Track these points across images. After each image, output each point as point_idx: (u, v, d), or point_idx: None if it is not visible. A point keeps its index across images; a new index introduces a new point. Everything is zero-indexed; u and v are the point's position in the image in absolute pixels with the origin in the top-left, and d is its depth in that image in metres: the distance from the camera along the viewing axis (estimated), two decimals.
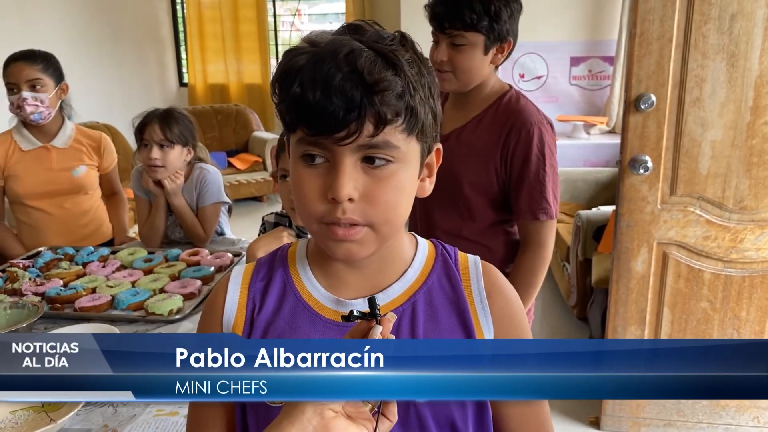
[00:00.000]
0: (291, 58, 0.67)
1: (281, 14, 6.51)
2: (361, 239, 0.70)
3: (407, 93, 0.66)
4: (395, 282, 0.78)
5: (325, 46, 0.66)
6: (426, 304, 0.77)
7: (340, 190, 0.66)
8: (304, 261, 0.81)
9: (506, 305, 0.80)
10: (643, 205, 2.15)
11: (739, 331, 2.22)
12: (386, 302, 0.77)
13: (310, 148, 0.67)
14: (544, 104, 4.78)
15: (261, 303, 0.78)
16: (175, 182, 2.06)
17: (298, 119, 0.67)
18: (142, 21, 5.91)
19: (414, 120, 0.67)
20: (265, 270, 0.82)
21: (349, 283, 0.78)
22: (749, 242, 2.13)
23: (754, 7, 1.94)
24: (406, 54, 0.68)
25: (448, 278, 0.80)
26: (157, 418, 1.15)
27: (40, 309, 1.51)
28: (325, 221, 0.69)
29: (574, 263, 3.06)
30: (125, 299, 1.63)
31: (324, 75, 0.63)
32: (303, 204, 0.70)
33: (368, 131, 0.65)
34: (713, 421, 2.33)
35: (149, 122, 2.04)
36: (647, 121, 2.08)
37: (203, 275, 1.79)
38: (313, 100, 0.63)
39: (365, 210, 0.68)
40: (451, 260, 0.82)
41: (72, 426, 1.15)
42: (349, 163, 0.66)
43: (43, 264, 1.93)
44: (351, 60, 0.64)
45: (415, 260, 0.81)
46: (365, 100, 0.63)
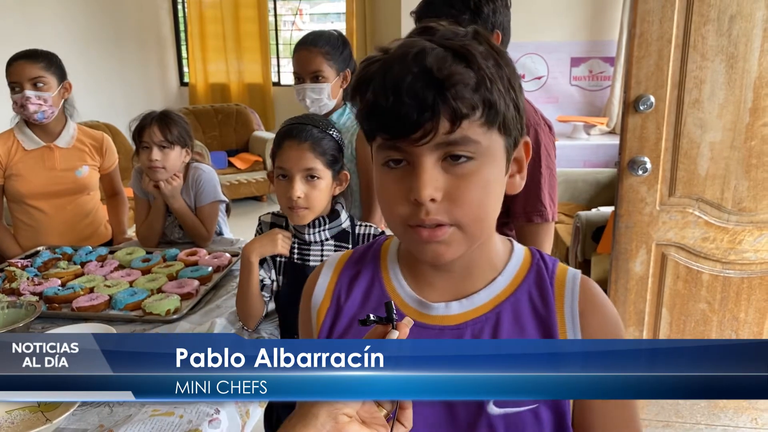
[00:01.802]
0: (364, 67, 0.67)
1: (282, 14, 6.51)
2: (448, 240, 0.68)
3: (483, 86, 0.64)
4: (483, 289, 0.76)
5: (395, 50, 0.66)
6: (512, 317, 0.74)
7: (421, 190, 0.64)
8: (394, 258, 0.82)
9: (601, 327, 0.74)
10: (642, 206, 2.15)
11: (737, 333, 2.22)
12: (470, 309, 0.74)
13: (390, 153, 0.67)
14: (545, 104, 4.78)
15: (348, 292, 0.80)
16: (172, 184, 2.05)
17: (375, 126, 0.66)
18: (144, 20, 5.91)
19: (493, 113, 0.65)
20: (358, 262, 0.83)
21: (435, 285, 0.77)
22: (748, 244, 2.12)
23: (754, 9, 1.94)
24: (479, 47, 0.66)
25: (540, 291, 0.76)
26: (153, 418, 1.15)
27: (37, 309, 1.50)
28: (410, 224, 0.67)
29: (573, 264, 3.06)
30: (123, 299, 1.63)
31: (394, 79, 0.63)
32: (387, 208, 0.69)
33: (444, 128, 0.63)
34: (711, 423, 2.33)
35: (148, 124, 2.04)
36: (646, 122, 2.08)
37: (201, 275, 1.79)
38: (386, 105, 0.63)
39: (450, 210, 0.66)
40: (546, 272, 0.77)
41: (68, 426, 1.15)
42: (428, 162, 0.65)
43: (41, 263, 1.93)
44: (420, 59, 0.63)
45: (507, 268, 0.78)
46: (438, 98, 0.62)
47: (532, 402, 0.71)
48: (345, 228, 1.50)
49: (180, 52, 6.48)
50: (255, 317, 1.50)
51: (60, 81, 2.20)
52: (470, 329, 0.74)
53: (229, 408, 1.22)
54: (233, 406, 1.24)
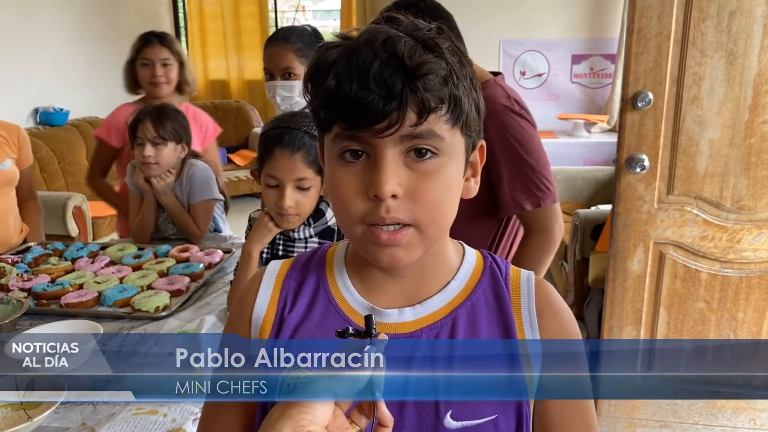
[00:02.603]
0: (323, 53, 0.64)
1: (285, 10, 6.49)
2: (407, 243, 0.64)
3: (451, 80, 0.61)
4: (436, 294, 0.73)
5: (359, 37, 0.63)
6: (468, 321, 0.71)
7: (383, 185, 0.61)
8: (341, 263, 0.77)
9: (559, 329, 0.72)
10: (640, 204, 2.13)
11: (735, 332, 2.19)
12: (425, 315, 0.71)
13: (349, 143, 0.63)
14: (545, 102, 4.75)
15: (293, 302, 0.75)
16: (165, 181, 2.04)
17: (335, 114, 0.62)
18: (143, 16, 5.89)
19: (458, 110, 0.63)
20: (301, 269, 0.78)
21: (386, 290, 0.73)
22: (747, 242, 2.10)
23: (753, 4, 1.91)
24: (445, 42, 0.64)
25: (495, 294, 0.73)
26: (136, 417, 1.13)
27: (24, 305, 1.49)
28: (368, 222, 0.64)
29: (571, 262, 3.04)
30: (112, 296, 1.61)
31: (360, 64, 0.59)
32: (342, 206, 0.65)
33: (411, 120, 0.60)
34: (709, 423, 2.31)
35: (142, 120, 2.03)
36: (644, 119, 2.05)
37: (192, 272, 1.77)
38: (350, 92, 0.59)
39: (411, 208, 0.63)
40: (500, 274, 0.75)
41: (50, 424, 1.13)
42: (391, 156, 0.62)
43: (31, 259, 1.91)
44: (389, 46, 0.60)
45: (460, 271, 0.75)
46: (407, 87, 0.59)
47: (491, 413, 0.68)
48: (330, 226, 1.50)
49: None
50: None
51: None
52: (425, 336, 0.70)
53: None
54: None
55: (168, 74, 2.39)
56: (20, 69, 4.12)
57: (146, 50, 2.38)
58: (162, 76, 2.37)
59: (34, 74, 4.29)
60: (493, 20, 4.65)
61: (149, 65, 2.37)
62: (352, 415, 0.59)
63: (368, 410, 0.59)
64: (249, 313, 0.76)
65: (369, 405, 0.59)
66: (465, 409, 0.68)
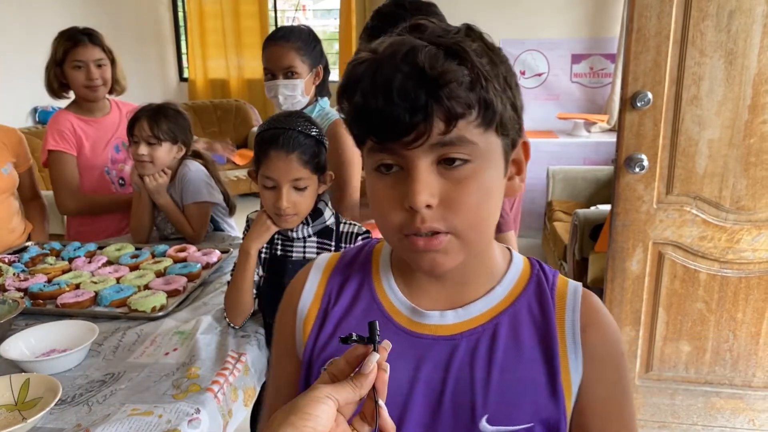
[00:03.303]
0: (352, 68, 0.64)
1: (284, 9, 6.48)
2: (445, 248, 0.64)
3: (478, 84, 0.60)
4: (479, 298, 0.72)
5: (384, 49, 0.62)
6: (509, 329, 0.71)
7: (416, 196, 0.61)
8: (387, 263, 0.78)
9: (603, 344, 0.71)
10: (639, 204, 2.12)
11: (735, 333, 2.19)
12: (466, 319, 0.71)
13: (382, 156, 0.63)
14: (545, 102, 4.75)
15: (337, 297, 0.77)
16: (157, 181, 2.02)
17: (365, 130, 0.63)
18: (143, 16, 5.89)
19: (490, 113, 0.62)
20: (347, 264, 0.80)
21: (429, 292, 0.74)
22: (746, 243, 2.09)
23: (753, 4, 1.91)
24: (473, 44, 0.62)
25: (540, 303, 0.72)
26: (131, 418, 1.12)
27: (20, 305, 1.48)
28: (405, 232, 0.64)
29: (571, 262, 3.03)
30: (108, 296, 1.60)
31: (384, 79, 0.59)
32: (380, 216, 0.66)
33: (439, 129, 0.60)
34: (708, 423, 2.30)
35: (139, 118, 2.02)
36: (644, 119, 2.05)
37: (189, 272, 1.77)
38: (376, 107, 0.60)
39: (446, 216, 0.62)
40: (546, 284, 0.74)
41: (44, 425, 1.12)
42: (423, 166, 0.61)
43: (28, 259, 1.91)
44: (410, 58, 0.59)
45: (505, 277, 0.74)
46: (430, 98, 0.59)
47: (527, 420, 0.68)
48: (329, 225, 1.49)
49: (179, 48, 6.45)
50: (244, 313, 1.48)
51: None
52: (465, 340, 0.70)
53: (211, 407, 1.20)
54: (215, 405, 1.21)
55: (103, 75, 2.25)
56: (19, 68, 4.11)
57: (77, 51, 2.19)
58: (98, 78, 2.23)
59: (33, 73, 4.27)
60: (492, 20, 4.64)
61: (82, 68, 2.21)
62: (355, 423, 0.59)
63: (371, 417, 0.59)
64: (295, 304, 0.79)
65: (372, 412, 0.59)
66: (501, 414, 0.68)
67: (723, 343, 2.21)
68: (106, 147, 2.33)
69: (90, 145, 2.30)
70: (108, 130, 2.35)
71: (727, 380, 2.25)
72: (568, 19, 4.62)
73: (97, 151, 2.31)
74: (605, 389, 0.71)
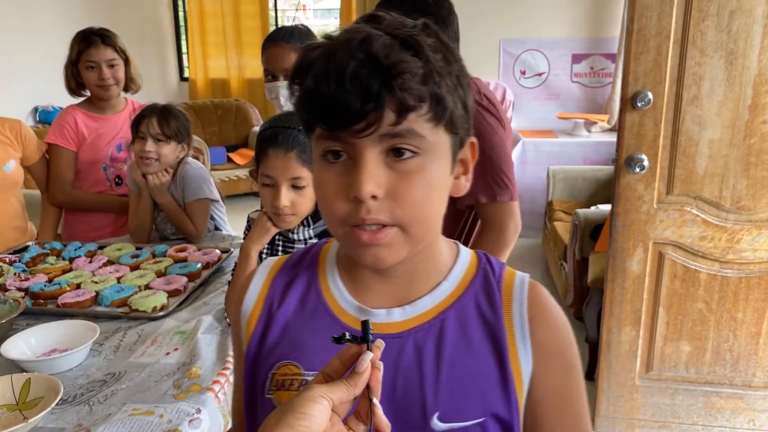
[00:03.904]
0: (305, 53, 0.63)
1: (285, 9, 6.48)
2: (389, 242, 0.63)
3: (431, 78, 0.60)
4: (426, 294, 0.71)
5: (339, 36, 0.62)
6: (457, 324, 0.70)
7: (362, 185, 0.60)
8: (333, 262, 0.77)
9: (552, 336, 0.71)
10: (639, 204, 2.12)
11: (735, 333, 2.19)
12: (414, 315, 0.70)
13: (330, 143, 0.63)
14: (545, 101, 4.75)
15: (281, 299, 0.75)
16: (160, 179, 2.03)
17: (314, 115, 0.62)
18: (143, 15, 5.89)
19: (441, 108, 0.62)
20: (294, 266, 0.78)
21: (376, 291, 0.72)
22: (746, 243, 2.09)
23: (754, 4, 1.91)
24: (428, 39, 0.62)
25: (487, 297, 0.72)
26: (132, 418, 1.13)
27: (21, 305, 1.49)
28: (350, 223, 0.63)
29: (571, 262, 3.03)
30: (109, 295, 1.61)
31: (337, 65, 0.59)
32: (325, 206, 0.65)
33: (390, 120, 0.59)
34: (708, 423, 2.30)
35: (147, 115, 2.04)
36: (644, 119, 2.05)
37: (189, 272, 1.77)
38: (327, 93, 0.59)
39: (392, 208, 0.62)
40: (493, 276, 0.73)
41: (46, 425, 1.12)
42: (371, 156, 0.61)
43: (29, 259, 1.91)
44: (366, 46, 0.59)
45: (452, 272, 0.73)
46: (383, 87, 0.58)
47: (479, 416, 0.67)
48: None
49: (180, 47, 6.45)
50: None
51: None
52: (413, 338, 0.69)
53: (211, 407, 1.20)
54: (215, 405, 1.21)
55: (116, 75, 2.30)
56: (20, 67, 4.11)
57: (90, 52, 2.25)
58: (110, 78, 2.28)
59: (33, 73, 4.29)
60: (493, 19, 4.65)
61: (95, 68, 2.27)
62: (350, 422, 0.59)
63: (366, 416, 0.59)
64: (237, 307, 0.78)
65: (366, 411, 0.59)
66: (452, 411, 0.67)
67: (723, 343, 2.21)
68: (108, 144, 2.35)
69: (92, 141, 2.33)
70: (114, 128, 2.38)
71: (727, 380, 2.26)
72: (569, 18, 4.62)
73: (98, 147, 2.34)
74: (556, 380, 0.71)
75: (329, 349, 0.66)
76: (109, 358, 1.37)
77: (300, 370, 0.70)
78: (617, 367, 2.29)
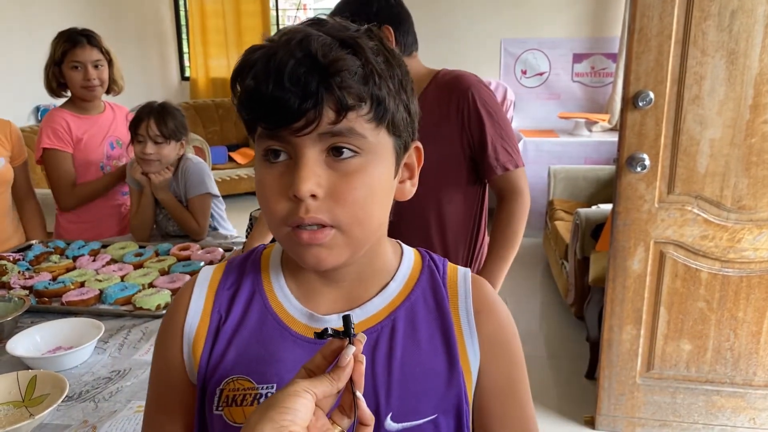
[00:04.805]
0: (246, 55, 0.63)
1: (286, 8, 6.48)
2: (329, 243, 0.63)
3: (371, 79, 0.61)
4: (375, 296, 0.72)
5: (279, 38, 0.62)
6: (407, 322, 0.71)
7: (301, 184, 0.60)
8: (278, 267, 0.74)
9: (497, 328, 0.73)
10: (641, 203, 2.13)
11: (735, 332, 2.20)
12: (364, 318, 0.70)
13: (270, 142, 0.62)
14: (546, 101, 4.76)
15: (227, 311, 0.72)
16: (162, 177, 2.05)
17: (255, 115, 0.62)
18: (144, 15, 5.89)
19: (381, 109, 0.62)
20: (235, 275, 0.75)
21: (324, 295, 0.71)
22: (747, 242, 2.10)
23: (755, 4, 1.92)
24: (370, 42, 0.63)
25: (434, 293, 0.73)
26: (137, 414, 1.13)
27: (26, 303, 1.49)
28: (290, 223, 0.63)
29: (572, 261, 3.04)
30: (113, 294, 1.61)
31: (277, 64, 0.59)
32: (266, 206, 0.64)
33: (329, 118, 0.60)
34: (709, 422, 2.31)
35: (144, 117, 2.04)
36: (645, 118, 2.06)
37: (193, 270, 1.78)
38: (267, 92, 0.59)
39: (332, 208, 0.62)
40: (438, 273, 0.75)
41: (51, 421, 1.13)
42: (310, 155, 0.61)
43: (33, 257, 1.91)
44: (304, 45, 0.59)
45: (398, 272, 0.74)
46: (321, 85, 0.58)
47: (431, 413, 0.68)
48: None
49: (181, 47, 6.46)
50: None
51: None
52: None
53: None
54: None
55: (101, 76, 2.26)
56: (21, 66, 4.12)
57: (76, 52, 2.21)
58: (95, 79, 2.24)
59: (35, 72, 4.28)
60: (494, 19, 4.65)
61: (80, 68, 2.23)
62: (334, 416, 0.59)
63: (349, 410, 0.59)
64: (181, 326, 0.72)
65: (350, 405, 0.59)
66: (405, 410, 0.68)
67: (724, 342, 2.22)
68: (101, 143, 2.35)
69: (86, 141, 2.31)
70: (103, 127, 2.36)
71: (728, 379, 2.26)
72: (570, 18, 4.63)
73: (93, 147, 2.33)
74: (502, 370, 0.73)
75: (281, 359, 0.67)
76: (113, 355, 1.38)
77: (252, 384, 0.68)
78: (618, 366, 2.30)
